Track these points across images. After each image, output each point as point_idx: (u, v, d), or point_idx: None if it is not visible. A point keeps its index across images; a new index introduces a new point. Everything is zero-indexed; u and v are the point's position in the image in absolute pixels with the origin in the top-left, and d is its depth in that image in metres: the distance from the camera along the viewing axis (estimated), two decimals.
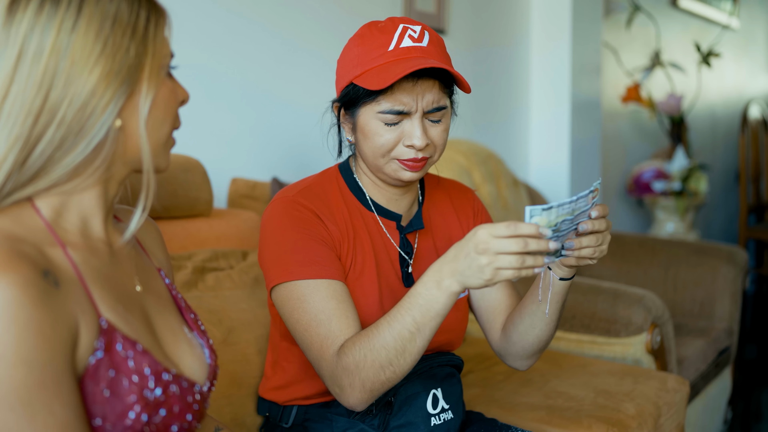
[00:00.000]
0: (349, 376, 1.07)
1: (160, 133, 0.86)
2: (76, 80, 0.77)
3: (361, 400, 1.09)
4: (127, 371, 0.79)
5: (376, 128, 1.17)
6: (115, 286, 0.84)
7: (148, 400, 0.80)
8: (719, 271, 2.58)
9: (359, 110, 1.18)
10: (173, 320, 0.93)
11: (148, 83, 0.82)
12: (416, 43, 1.16)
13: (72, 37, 0.77)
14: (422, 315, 1.02)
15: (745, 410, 3.05)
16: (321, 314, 1.12)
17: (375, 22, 1.22)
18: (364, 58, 1.16)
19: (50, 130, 0.77)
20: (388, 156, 1.18)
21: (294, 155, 2.15)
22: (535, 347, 1.24)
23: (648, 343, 1.98)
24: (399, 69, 1.11)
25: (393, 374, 1.06)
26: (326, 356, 1.10)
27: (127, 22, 0.80)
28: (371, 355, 1.05)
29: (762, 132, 4.56)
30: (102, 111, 0.78)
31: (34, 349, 0.70)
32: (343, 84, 1.20)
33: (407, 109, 1.15)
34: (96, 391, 0.77)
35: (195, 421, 0.87)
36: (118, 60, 0.79)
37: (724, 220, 5.04)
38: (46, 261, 0.76)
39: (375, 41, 1.17)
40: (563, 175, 3.11)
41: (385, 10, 2.44)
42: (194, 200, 1.63)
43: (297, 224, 1.18)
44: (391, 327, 1.04)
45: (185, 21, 1.86)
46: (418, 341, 1.03)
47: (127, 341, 0.80)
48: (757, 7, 5.39)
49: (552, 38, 3.10)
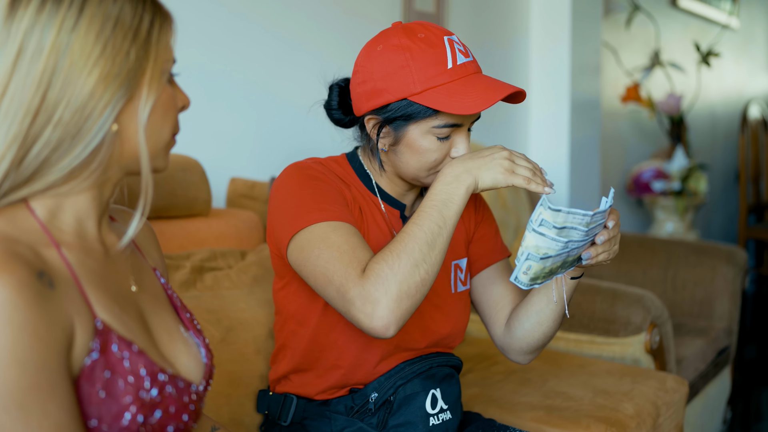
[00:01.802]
0: (384, 283, 1.03)
1: (159, 138, 0.85)
2: (74, 81, 0.77)
3: (395, 315, 1.03)
4: (122, 372, 0.78)
5: (429, 144, 1.16)
6: (111, 286, 0.84)
7: (144, 400, 0.79)
8: (719, 271, 2.58)
9: (409, 126, 1.16)
10: (169, 320, 0.93)
11: (149, 88, 0.81)
12: (467, 58, 1.17)
13: (72, 36, 0.77)
14: (446, 208, 1.09)
15: (745, 410, 3.05)
16: (345, 245, 1.10)
17: (408, 30, 1.17)
18: (421, 75, 1.13)
19: (47, 130, 0.76)
20: (435, 170, 1.19)
21: (293, 155, 2.15)
22: (540, 343, 1.27)
23: (647, 343, 1.98)
24: (475, 91, 1.12)
25: (426, 274, 1.06)
26: (352, 278, 1.06)
27: (129, 25, 0.79)
28: (405, 254, 1.05)
29: (762, 132, 4.56)
30: (99, 114, 0.78)
31: (29, 350, 0.70)
32: (390, 98, 1.15)
33: (462, 123, 1.17)
34: (91, 392, 0.76)
35: (191, 421, 0.87)
36: (118, 63, 0.78)
37: (723, 220, 5.04)
38: (40, 262, 0.75)
39: (428, 56, 1.14)
40: (563, 175, 3.11)
41: (384, 10, 2.44)
42: (193, 200, 1.63)
43: (313, 180, 1.19)
44: (420, 224, 1.08)
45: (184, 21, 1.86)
46: (445, 235, 1.09)
47: (122, 342, 0.80)
48: (757, 7, 5.39)
49: (551, 38, 3.10)
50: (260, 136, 2.07)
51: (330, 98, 1.27)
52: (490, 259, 1.36)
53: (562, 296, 1.21)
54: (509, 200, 2.63)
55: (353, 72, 1.22)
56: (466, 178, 1.09)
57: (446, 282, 1.31)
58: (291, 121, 2.13)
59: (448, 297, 1.30)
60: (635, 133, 3.97)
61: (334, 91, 1.27)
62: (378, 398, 1.21)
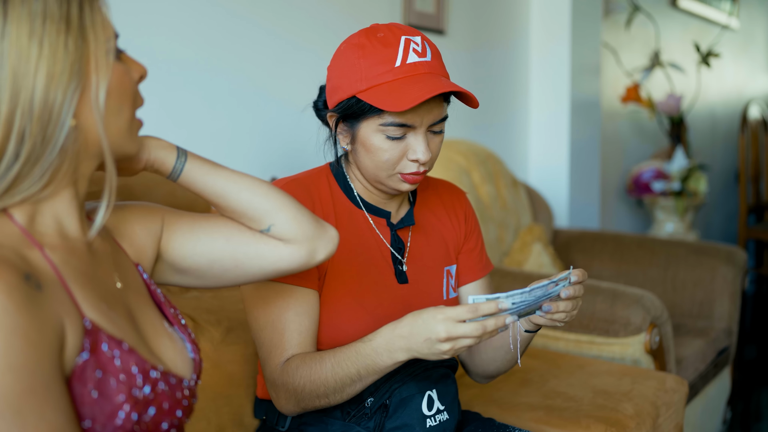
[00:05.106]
0: (287, 394, 1.15)
1: (121, 120, 0.82)
2: (22, 90, 0.73)
3: (293, 413, 1.19)
4: (114, 371, 0.77)
5: (380, 143, 1.16)
6: (97, 284, 0.82)
7: (137, 398, 0.78)
8: (718, 272, 2.58)
9: (360, 123, 1.17)
10: (153, 316, 0.91)
11: (98, 74, 0.78)
12: (421, 57, 1.15)
13: (4, 45, 0.72)
14: (366, 371, 1.10)
15: (745, 410, 3.05)
16: (278, 321, 1.16)
17: (372, 30, 1.19)
18: (368, 73, 1.14)
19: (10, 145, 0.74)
20: (391, 170, 1.19)
21: (292, 156, 2.15)
22: (494, 374, 1.34)
23: (647, 343, 1.98)
24: (413, 89, 1.11)
25: (328, 403, 1.14)
26: (272, 363, 1.16)
27: (59, 16, 0.75)
28: (310, 386, 1.12)
29: (762, 132, 4.56)
30: (58, 115, 0.75)
31: (21, 355, 0.68)
32: (342, 96, 1.17)
33: (412, 124, 1.15)
34: (84, 393, 0.75)
35: (185, 417, 0.86)
36: (60, 58, 0.75)
37: (723, 220, 5.04)
38: (25, 264, 0.74)
39: (379, 54, 1.15)
40: (562, 176, 3.12)
41: (384, 10, 2.44)
42: (193, 200, 1.63)
43: None
44: (335, 371, 1.11)
45: (183, 21, 1.86)
46: (358, 386, 1.12)
47: (112, 340, 0.78)
48: (756, 7, 5.39)
49: (551, 38, 3.10)
50: (259, 136, 2.07)
51: (318, 98, 1.28)
52: (471, 276, 1.37)
53: (516, 344, 1.23)
54: (509, 200, 2.63)
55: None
56: (401, 356, 1.06)
57: (439, 289, 1.31)
58: (290, 121, 2.13)
59: (440, 303, 1.30)
60: (635, 134, 3.98)
61: (323, 91, 1.27)
62: (374, 402, 1.21)
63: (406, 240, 1.29)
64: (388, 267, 1.26)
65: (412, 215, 1.29)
